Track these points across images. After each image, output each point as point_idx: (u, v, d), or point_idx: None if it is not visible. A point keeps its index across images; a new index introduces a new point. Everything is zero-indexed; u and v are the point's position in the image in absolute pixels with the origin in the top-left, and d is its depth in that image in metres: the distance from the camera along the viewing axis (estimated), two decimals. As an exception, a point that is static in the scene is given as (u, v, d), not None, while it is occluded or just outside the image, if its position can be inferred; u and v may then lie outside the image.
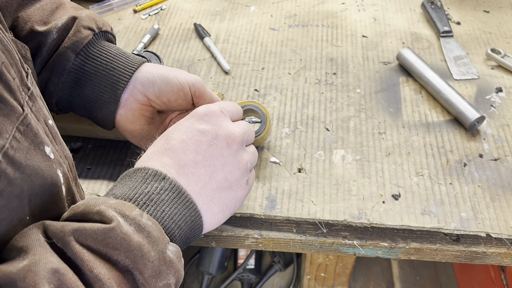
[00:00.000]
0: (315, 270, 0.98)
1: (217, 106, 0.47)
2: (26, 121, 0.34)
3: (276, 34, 0.84)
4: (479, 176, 0.62)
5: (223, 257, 1.17)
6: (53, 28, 0.53)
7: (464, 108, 0.67)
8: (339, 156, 0.64)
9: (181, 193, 0.41)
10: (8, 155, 0.32)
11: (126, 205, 0.37)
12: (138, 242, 0.35)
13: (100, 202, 0.36)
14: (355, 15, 0.88)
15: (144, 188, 0.40)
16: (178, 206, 0.40)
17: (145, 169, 0.41)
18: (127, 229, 0.35)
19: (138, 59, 0.55)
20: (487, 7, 0.90)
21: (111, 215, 0.35)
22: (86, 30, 0.54)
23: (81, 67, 0.54)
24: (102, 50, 0.55)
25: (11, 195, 0.32)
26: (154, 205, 0.39)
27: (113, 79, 0.53)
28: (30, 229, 0.33)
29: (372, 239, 0.57)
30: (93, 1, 0.90)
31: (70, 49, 0.53)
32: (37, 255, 0.31)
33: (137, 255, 0.34)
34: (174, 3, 0.92)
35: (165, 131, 0.46)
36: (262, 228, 0.58)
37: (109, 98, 0.53)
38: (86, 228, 0.34)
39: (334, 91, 0.73)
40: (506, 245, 0.56)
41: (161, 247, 0.36)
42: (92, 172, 0.63)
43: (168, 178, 0.41)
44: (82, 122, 0.63)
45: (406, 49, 0.76)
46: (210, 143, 0.44)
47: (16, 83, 0.34)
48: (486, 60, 0.79)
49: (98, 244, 0.33)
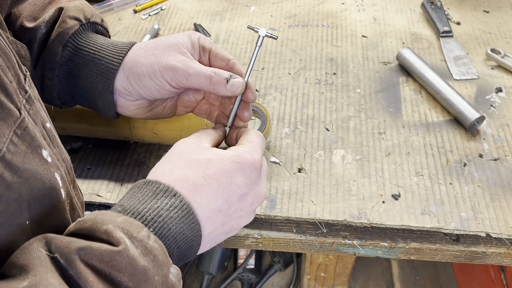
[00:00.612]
0: (315, 270, 0.98)
1: (259, 157, 0.45)
2: (23, 124, 0.34)
3: (276, 34, 0.84)
4: (479, 176, 0.62)
5: (223, 257, 1.17)
6: (41, 23, 0.53)
7: (464, 108, 0.67)
8: (339, 156, 0.64)
9: (189, 212, 0.40)
10: (5, 159, 0.31)
11: (133, 224, 0.36)
12: (143, 266, 0.34)
13: (108, 220, 0.36)
14: (355, 15, 0.88)
15: (154, 203, 0.39)
16: (184, 226, 0.40)
17: (157, 183, 0.40)
18: (134, 252, 0.34)
19: (126, 45, 0.53)
20: (487, 7, 0.90)
21: (118, 237, 0.34)
22: (72, 20, 0.53)
23: (71, 58, 0.53)
24: (89, 41, 0.53)
25: (9, 199, 0.32)
26: (162, 221, 0.38)
27: (102, 69, 0.52)
28: (31, 244, 0.32)
29: (372, 239, 0.57)
30: (93, 1, 0.90)
31: (57, 41, 0.52)
32: (38, 276, 0.30)
33: (141, 279, 0.34)
34: (174, 3, 0.92)
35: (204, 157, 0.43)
36: (262, 228, 0.58)
37: (103, 88, 0.52)
38: (92, 248, 0.33)
39: (334, 91, 0.74)
40: (506, 245, 0.56)
41: (165, 272, 0.36)
42: (92, 172, 0.63)
43: (179, 195, 0.40)
44: (82, 122, 0.63)
45: (406, 49, 0.76)
46: (240, 197, 0.43)
47: (13, 86, 0.34)
48: (486, 60, 0.79)
49: (103, 264, 0.33)
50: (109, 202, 0.59)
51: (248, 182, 0.44)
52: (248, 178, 0.44)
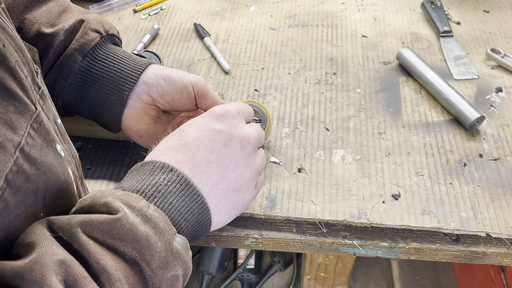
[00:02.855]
0: (315, 270, 0.98)
1: (234, 106, 0.47)
2: (39, 118, 0.35)
3: (276, 34, 0.84)
4: (479, 176, 0.62)
5: (223, 257, 1.17)
6: (60, 30, 0.54)
7: (464, 108, 0.67)
8: (339, 156, 0.64)
9: (188, 185, 0.41)
10: (24, 151, 0.32)
11: (132, 196, 0.37)
12: (144, 232, 0.35)
13: (107, 194, 0.36)
14: (355, 15, 0.88)
15: (152, 179, 0.40)
16: (185, 199, 0.40)
17: (153, 162, 0.41)
18: (134, 219, 0.35)
19: (144, 61, 0.56)
20: (487, 7, 0.90)
21: (117, 206, 0.35)
22: (94, 32, 0.55)
23: (88, 69, 0.54)
24: (109, 53, 0.56)
25: (27, 191, 0.32)
26: (162, 196, 0.39)
27: (120, 81, 0.54)
28: (34, 225, 0.33)
29: (372, 239, 0.57)
30: (93, 1, 0.90)
31: (77, 51, 0.53)
32: (43, 248, 0.31)
33: (143, 245, 0.34)
34: (174, 3, 0.92)
35: (179, 127, 0.45)
36: (262, 228, 0.58)
37: (116, 100, 0.54)
38: (92, 219, 0.34)
39: (334, 91, 0.74)
40: (506, 245, 0.56)
41: (168, 238, 0.36)
42: (92, 172, 0.63)
43: (175, 170, 0.41)
44: (82, 122, 0.63)
45: (406, 49, 0.76)
46: (225, 144, 0.44)
47: (28, 81, 0.35)
48: (486, 60, 0.79)
49: (105, 235, 0.34)
50: (109, 202, 0.59)
51: (226, 126, 0.45)
52: (224, 123, 0.45)
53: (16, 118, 0.32)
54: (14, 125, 0.31)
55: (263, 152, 0.50)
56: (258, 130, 0.48)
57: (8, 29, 0.34)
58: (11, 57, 0.33)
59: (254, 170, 0.46)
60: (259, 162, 0.47)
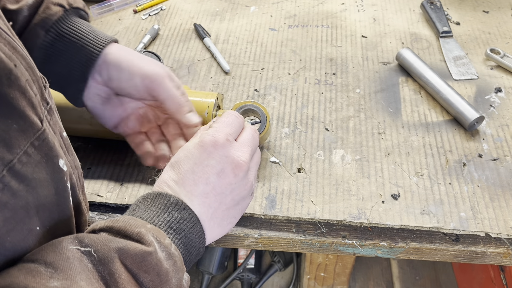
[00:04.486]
0: (315, 269, 0.98)
1: (223, 134, 0.47)
2: (43, 136, 0.35)
3: (276, 34, 0.84)
4: (478, 176, 0.62)
5: (223, 256, 1.17)
6: (24, 5, 0.54)
7: (463, 108, 0.67)
8: (339, 156, 0.64)
9: (197, 223, 0.43)
10: (14, 169, 0.32)
11: (160, 232, 0.39)
12: (166, 269, 0.37)
13: (140, 224, 0.39)
14: (355, 15, 0.88)
15: (166, 216, 0.42)
16: (192, 236, 0.43)
17: (167, 196, 0.43)
18: (161, 255, 0.37)
19: (107, 37, 0.56)
20: (486, 8, 0.90)
21: (150, 240, 0.37)
22: (56, 6, 0.54)
23: (52, 44, 0.54)
24: (72, 27, 0.55)
25: (16, 206, 0.32)
26: (173, 233, 0.41)
27: (84, 57, 0.54)
28: (60, 242, 0.35)
29: (372, 239, 0.57)
30: (93, 1, 0.90)
31: (40, 26, 0.53)
32: (69, 279, 0.32)
33: (162, 280, 0.37)
34: (174, 3, 0.92)
35: (175, 159, 0.47)
36: (262, 228, 0.58)
37: (80, 76, 0.54)
38: (129, 248, 0.36)
39: (334, 91, 0.74)
40: (505, 244, 0.56)
41: (180, 276, 0.39)
42: (92, 172, 0.63)
43: (188, 208, 0.43)
44: (82, 122, 0.63)
45: (405, 49, 0.76)
46: (219, 175, 0.45)
47: (37, 99, 0.35)
48: (485, 60, 0.79)
49: (135, 265, 0.36)
50: (109, 202, 0.59)
51: (218, 159, 0.46)
52: (216, 156, 0.46)
53: (16, 137, 0.32)
54: (11, 144, 0.32)
55: (257, 158, 0.50)
56: (250, 145, 0.48)
57: (19, 48, 0.35)
58: (22, 76, 0.33)
59: (249, 186, 0.48)
60: (253, 176, 0.49)
